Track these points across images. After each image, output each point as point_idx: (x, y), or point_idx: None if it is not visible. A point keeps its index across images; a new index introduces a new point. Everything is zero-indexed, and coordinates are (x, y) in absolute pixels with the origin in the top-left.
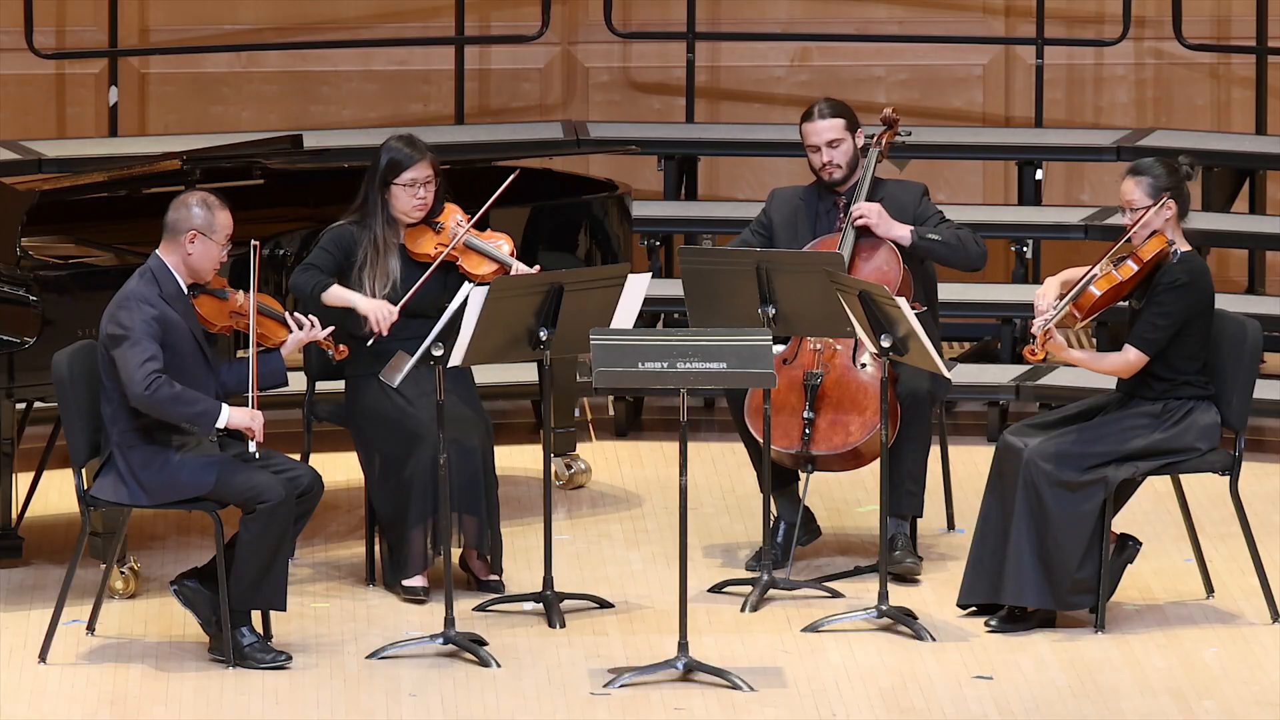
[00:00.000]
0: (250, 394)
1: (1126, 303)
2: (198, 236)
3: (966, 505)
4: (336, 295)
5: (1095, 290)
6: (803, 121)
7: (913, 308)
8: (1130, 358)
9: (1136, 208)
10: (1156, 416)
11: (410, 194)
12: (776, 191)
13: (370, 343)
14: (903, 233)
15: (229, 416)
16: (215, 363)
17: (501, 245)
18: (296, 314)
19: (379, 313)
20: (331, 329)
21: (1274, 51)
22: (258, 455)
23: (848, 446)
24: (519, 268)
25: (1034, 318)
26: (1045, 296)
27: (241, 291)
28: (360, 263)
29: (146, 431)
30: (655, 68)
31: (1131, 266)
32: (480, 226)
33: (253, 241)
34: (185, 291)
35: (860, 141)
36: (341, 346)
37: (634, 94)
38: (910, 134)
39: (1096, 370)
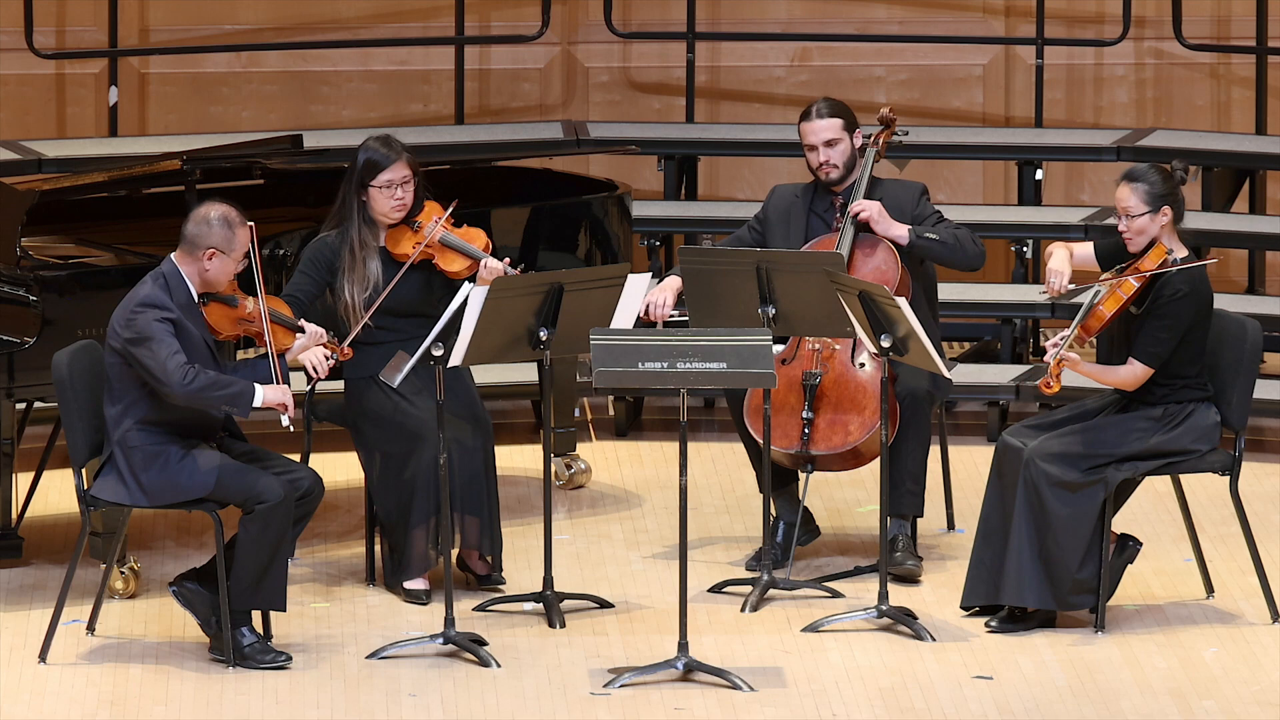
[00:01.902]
0: (274, 381)
1: (1132, 308)
2: (216, 254)
3: (966, 505)
4: (266, 397)
5: (1105, 310)
6: (801, 121)
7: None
8: (1137, 371)
9: (1134, 214)
10: (1157, 420)
11: (388, 196)
12: (777, 188)
13: (348, 345)
14: (901, 232)
15: (264, 395)
16: (225, 367)
17: (475, 241)
18: (303, 320)
19: (313, 358)
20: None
21: (1274, 51)
22: (292, 429)
23: (847, 446)
24: (491, 263)
25: (1043, 290)
26: (1061, 275)
27: (251, 298)
28: (340, 269)
29: (148, 432)
30: (655, 68)
31: (1134, 283)
32: (460, 223)
33: (249, 224)
34: (197, 301)
35: (859, 142)
36: (346, 349)
37: (634, 94)
38: (907, 133)
39: (1106, 384)
